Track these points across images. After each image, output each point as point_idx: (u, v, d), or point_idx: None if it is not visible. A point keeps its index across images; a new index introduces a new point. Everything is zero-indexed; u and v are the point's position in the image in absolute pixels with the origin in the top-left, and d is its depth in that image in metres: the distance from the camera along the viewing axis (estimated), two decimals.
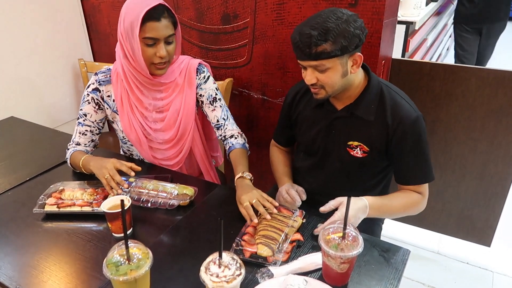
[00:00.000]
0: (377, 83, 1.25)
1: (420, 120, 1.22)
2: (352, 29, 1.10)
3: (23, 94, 2.16)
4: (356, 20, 1.13)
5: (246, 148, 1.53)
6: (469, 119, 1.82)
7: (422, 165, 1.26)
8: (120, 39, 1.36)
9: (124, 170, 1.28)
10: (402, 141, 1.22)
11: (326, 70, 1.15)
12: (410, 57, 2.86)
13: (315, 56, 1.12)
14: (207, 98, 1.53)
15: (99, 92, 1.46)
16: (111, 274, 0.85)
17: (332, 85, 1.18)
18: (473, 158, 1.89)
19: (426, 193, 1.30)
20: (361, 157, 1.29)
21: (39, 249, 1.12)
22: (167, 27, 1.31)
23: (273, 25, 1.77)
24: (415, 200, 1.28)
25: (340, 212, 1.11)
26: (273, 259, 1.02)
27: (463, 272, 2.04)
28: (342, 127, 1.30)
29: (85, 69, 2.36)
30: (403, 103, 1.23)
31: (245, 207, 1.17)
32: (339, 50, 1.11)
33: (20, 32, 2.08)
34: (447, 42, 5.28)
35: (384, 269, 1.03)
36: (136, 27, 1.28)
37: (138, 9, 1.27)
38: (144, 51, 1.33)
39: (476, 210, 1.99)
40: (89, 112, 1.47)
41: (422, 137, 1.23)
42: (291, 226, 1.13)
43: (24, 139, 1.78)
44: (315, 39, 1.09)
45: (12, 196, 1.36)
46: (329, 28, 1.09)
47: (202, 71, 1.53)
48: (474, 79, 1.74)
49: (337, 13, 1.11)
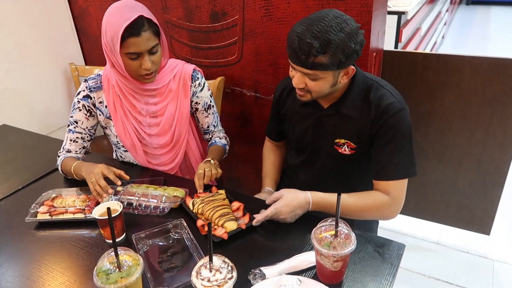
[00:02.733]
0: (362, 79, 1.23)
1: (403, 113, 1.17)
2: (353, 45, 1.07)
3: (14, 101, 2.14)
4: (358, 34, 1.08)
5: (226, 149, 1.63)
6: (464, 108, 1.80)
7: (397, 159, 1.18)
8: (105, 50, 1.34)
9: (111, 178, 1.27)
10: (381, 131, 1.18)
11: (317, 79, 1.12)
12: (404, 48, 2.83)
13: (311, 65, 1.08)
14: (203, 106, 1.56)
15: (90, 99, 1.44)
16: (101, 283, 0.84)
17: (320, 92, 1.17)
18: (470, 148, 1.87)
19: (396, 196, 1.18)
20: (349, 154, 1.27)
21: (32, 258, 1.11)
22: (148, 40, 1.27)
23: (262, 21, 1.75)
24: (378, 201, 1.19)
25: (273, 208, 1.14)
26: (243, 224, 1.14)
27: (463, 262, 2.04)
28: (329, 124, 1.28)
29: (76, 73, 2.35)
30: (388, 95, 1.19)
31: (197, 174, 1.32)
32: (335, 65, 1.08)
33: (8, 38, 2.06)
34: (442, 29, 5.25)
35: (379, 264, 1.02)
36: (117, 43, 1.25)
37: (116, 25, 1.24)
38: (129, 64, 1.31)
39: (475, 199, 1.98)
40: (80, 119, 1.45)
41: (403, 130, 1.17)
42: (223, 199, 1.24)
43: (16, 146, 1.76)
44: (314, 50, 1.05)
45: (4, 205, 1.35)
46: (330, 41, 1.04)
47: (197, 78, 1.52)
48: (467, 68, 1.73)
49: (341, 24, 1.06)
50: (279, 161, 1.57)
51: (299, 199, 1.16)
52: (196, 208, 1.21)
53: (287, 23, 1.69)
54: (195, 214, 1.21)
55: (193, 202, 1.23)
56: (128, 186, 1.31)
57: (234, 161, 2.21)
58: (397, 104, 1.18)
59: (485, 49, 5.32)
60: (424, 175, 2.03)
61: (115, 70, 1.36)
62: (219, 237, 1.10)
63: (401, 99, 1.21)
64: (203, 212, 1.19)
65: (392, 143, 1.18)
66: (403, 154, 1.18)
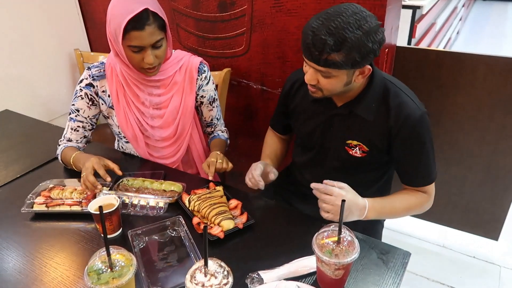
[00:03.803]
0: (380, 80, 1.17)
1: (425, 118, 1.14)
2: (370, 44, 1.00)
3: (18, 87, 2.11)
4: (378, 33, 1.02)
5: (227, 142, 1.62)
6: (476, 109, 1.74)
7: (427, 165, 1.19)
8: (109, 39, 1.29)
9: (101, 174, 1.21)
10: (407, 141, 1.15)
11: (330, 77, 1.07)
12: (417, 43, 2.76)
13: (324, 63, 1.03)
14: (208, 99, 1.53)
15: (93, 88, 1.40)
16: (92, 283, 0.81)
17: (332, 90, 1.12)
18: (480, 150, 1.81)
19: (432, 192, 1.23)
20: (360, 156, 1.23)
21: (25, 251, 1.08)
22: (152, 34, 1.22)
23: (271, 12, 1.69)
24: (420, 200, 1.22)
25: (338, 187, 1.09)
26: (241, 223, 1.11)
27: (469, 266, 1.99)
28: (341, 124, 1.23)
29: (81, 59, 2.31)
30: (408, 101, 1.14)
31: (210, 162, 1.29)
32: (350, 64, 1.02)
33: (13, 22, 2.03)
34: (457, 25, 5.13)
35: (383, 273, 0.98)
36: (119, 35, 1.20)
37: (120, 17, 1.19)
38: (131, 57, 1.26)
39: (483, 203, 1.92)
40: (82, 108, 1.41)
41: (427, 137, 1.15)
42: (220, 196, 1.21)
43: (17, 133, 1.74)
44: (328, 48, 0.99)
45: (1, 194, 1.33)
46: (346, 39, 0.98)
47: (203, 71, 1.48)
48: (482, 67, 1.66)
49: (360, 21, 0.99)
50: (281, 149, 1.51)
51: (359, 199, 1.11)
52: (193, 205, 1.17)
53: (296, 15, 1.63)
54: (191, 211, 1.17)
55: (190, 199, 1.19)
56: (124, 179, 1.28)
57: (237, 155, 2.17)
58: (417, 111, 1.13)
59: (501, 47, 5.19)
60: None
61: (119, 59, 1.33)
62: (215, 236, 1.06)
63: (418, 101, 1.16)
64: (200, 210, 1.15)
65: (422, 151, 1.17)
66: (431, 157, 1.19)
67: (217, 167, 1.28)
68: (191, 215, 1.16)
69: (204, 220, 1.14)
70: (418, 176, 1.21)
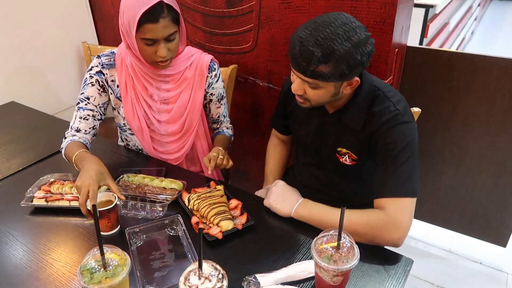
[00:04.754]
0: (369, 89, 1.11)
1: (404, 127, 1.06)
2: (359, 57, 0.97)
3: (26, 79, 2.11)
4: (367, 45, 0.98)
5: (231, 139, 1.60)
6: (488, 112, 1.70)
7: (393, 175, 1.04)
8: (121, 31, 1.28)
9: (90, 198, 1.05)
10: (380, 145, 1.08)
11: (318, 88, 1.04)
12: (429, 43, 2.70)
13: (311, 74, 1.00)
14: (217, 97, 1.51)
15: (103, 75, 1.38)
16: (84, 282, 0.80)
17: (319, 101, 1.09)
18: (491, 154, 1.77)
19: (393, 213, 1.01)
20: (350, 164, 1.19)
21: (23, 246, 1.07)
22: (166, 27, 1.20)
23: (280, 9, 1.66)
24: (372, 216, 1.03)
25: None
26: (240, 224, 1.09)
27: (475, 273, 1.95)
28: (332, 131, 1.20)
29: (89, 52, 2.30)
30: (391, 108, 1.08)
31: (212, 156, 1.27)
32: (337, 76, 0.99)
33: (22, 14, 2.02)
34: (472, 25, 5.03)
35: (383, 280, 0.95)
36: (133, 27, 1.19)
37: (134, 9, 1.17)
38: (144, 49, 1.25)
39: (492, 209, 1.88)
40: (93, 95, 1.37)
41: (403, 145, 1.04)
42: (220, 195, 1.18)
43: (22, 125, 1.74)
44: (316, 59, 0.96)
45: (2, 187, 1.32)
46: (334, 50, 0.95)
47: (213, 69, 1.46)
48: (495, 70, 1.61)
49: (349, 32, 0.96)
50: (284, 159, 1.51)
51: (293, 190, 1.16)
52: (192, 204, 1.15)
53: (305, 12, 1.60)
54: (190, 210, 1.16)
55: (189, 198, 1.18)
56: (125, 175, 1.26)
57: (242, 153, 2.15)
58: (398, 117, 1.06)
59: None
60: (440, 179, 1.94)
61: (130, 52, 1.31)
62: (213, 237, 1.05)
63: (405, 112, 1.08)
64: (199, 209, 1.13)
65: (390, 158, 1.05)
66: (401, 170, 1.03)
67: (217, 163, 1.26)
68: (190, 214, 1.14)
69: (203, 220, 1.12)
70: (382, 184, 1.06)
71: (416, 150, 1.06)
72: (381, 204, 1.04)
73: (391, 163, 1.05)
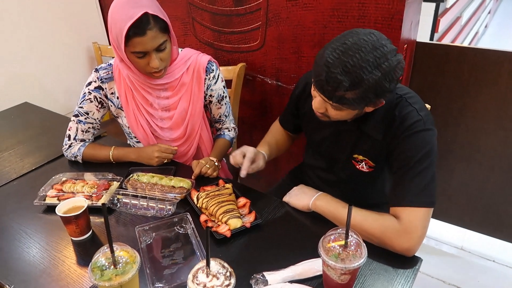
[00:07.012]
0: (392, 97, 1.07)
1: (426, 134, 1.02)
2: (387, 85, 0.93)
3: (37, 80, 2.15)
4: (397, 70, 0.93)
5: (232, 143, 1.60)
6: (499, 107, 1.67)
7: (411, 183, 1.02)
8: (113, 45, 1.27)
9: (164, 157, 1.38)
10: (399, 151, 1.05)
11: (341, 110, 1.00)
12: (440, 38, 2.67)
13: (336, 99, 0.96)
14: (216, 98, 1.51)
15: (102, 90, 1.39)
16: (95, 278, 0.81)
17: (340, 119, 1.06)
18: (503, 150, 1.74)
19: (407, 222, 0.98)
20: (367, 171, 1.18)
21: (36, 243, 1.10)
22: (154, 38, 1.19)
23: (287, 7, 1.66)
24: (386, 222, 1.01)
25: None
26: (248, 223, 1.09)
27: (487, 270, 1.92)
28: (349, 139, 1.17)
29: (99, 52, 2.33)
30: (414, 114, 1.04)
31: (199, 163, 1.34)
32: (364, 103, 0.97)
33: (33, 15, 2.06)
34: (485, 18, 4.95)
35: (392, 279, 0.95)
36: (122, 42, 1.18)
37: (120, 23, 1.16)
38: (136, 62, 1.25)
39: (505, 205, 1.85)
40: (91, 110, 1.42)
41: (423, 153, 1.01)
42: (229, 194, 1.19)
43: (35, 126, 1.77)
44: (343, 88, 0.92)
45: (16, 186, 1.35)
46: (363, 80, 0.91)
47: (211, 70, 1.44)
48: (507, 64, 1.59)
49: (380, 59, 0.91)
50: (283, 142, 1.46)
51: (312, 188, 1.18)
52: (201, 202, 1.16)
53: (312, 9, 1.60)
54: (199, 208, 1.17)
55: (198, 196, 1.19)
56: (134, 174, 1.28)
57: None
58: (421, 124, 1.03)
59: None
60: (452, 176, 1.92)
61: (124, 65, 1.31)
62: (222, 235, 1.05)
63: (428, 119, 1.05)
64: (208, 207, 1.14)
65: (408, 166, 1.02)
66: (419, 179, 1.01)
67: (202, 170, 1.32)
68: (199, 212, 1.15)
69: (212, 218, 1.13)
70: (396, 192, 1.04)
71: (434, 159, 1.03)
72: (396, 212, 1.02)
73: (409, 171, 1.02)
